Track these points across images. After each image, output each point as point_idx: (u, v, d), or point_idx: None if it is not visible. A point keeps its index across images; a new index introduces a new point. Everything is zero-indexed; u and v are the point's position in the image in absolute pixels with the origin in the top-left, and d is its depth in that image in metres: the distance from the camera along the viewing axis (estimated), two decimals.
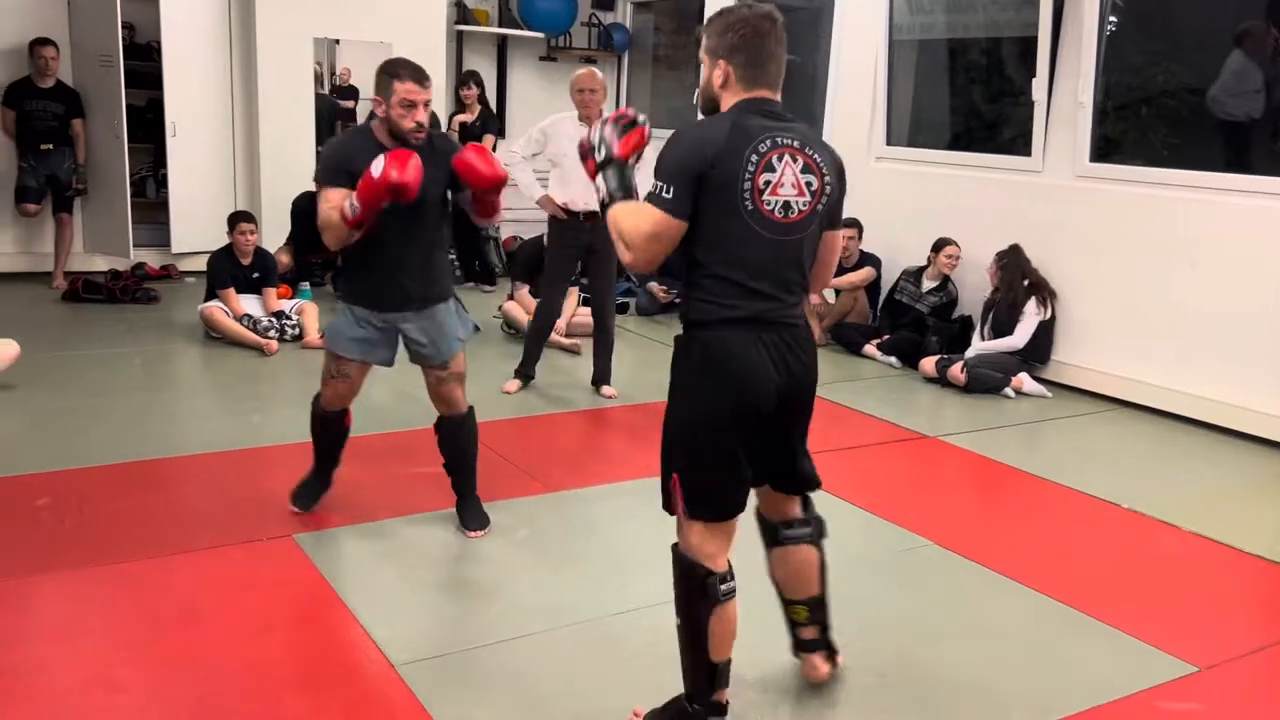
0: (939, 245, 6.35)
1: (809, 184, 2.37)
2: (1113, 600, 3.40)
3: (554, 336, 6.36)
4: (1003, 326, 5.91)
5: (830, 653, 2.83)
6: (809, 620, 2.78)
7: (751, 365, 2.37)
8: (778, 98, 2.41)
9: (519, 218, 8.07)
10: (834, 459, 4.65)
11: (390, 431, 4.66)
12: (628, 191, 2.50)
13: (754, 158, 2.30)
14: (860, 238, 6.71)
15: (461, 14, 8.93)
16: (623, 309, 7.45)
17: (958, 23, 6.89)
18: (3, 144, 7.21)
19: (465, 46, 9.06)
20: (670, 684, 2.84)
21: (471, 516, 3.71)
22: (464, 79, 7.64)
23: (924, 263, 6.47)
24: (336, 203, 3.20)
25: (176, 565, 3.32)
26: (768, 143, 2.32)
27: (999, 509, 4.34)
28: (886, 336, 6.45)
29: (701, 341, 2.39)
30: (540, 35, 9.18)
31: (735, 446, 2.41)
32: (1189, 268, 5.38)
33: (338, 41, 8.06)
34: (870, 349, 6.44)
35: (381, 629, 3.00)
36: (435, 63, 8.12)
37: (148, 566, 3.30)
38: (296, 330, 6.14)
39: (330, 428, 3.70)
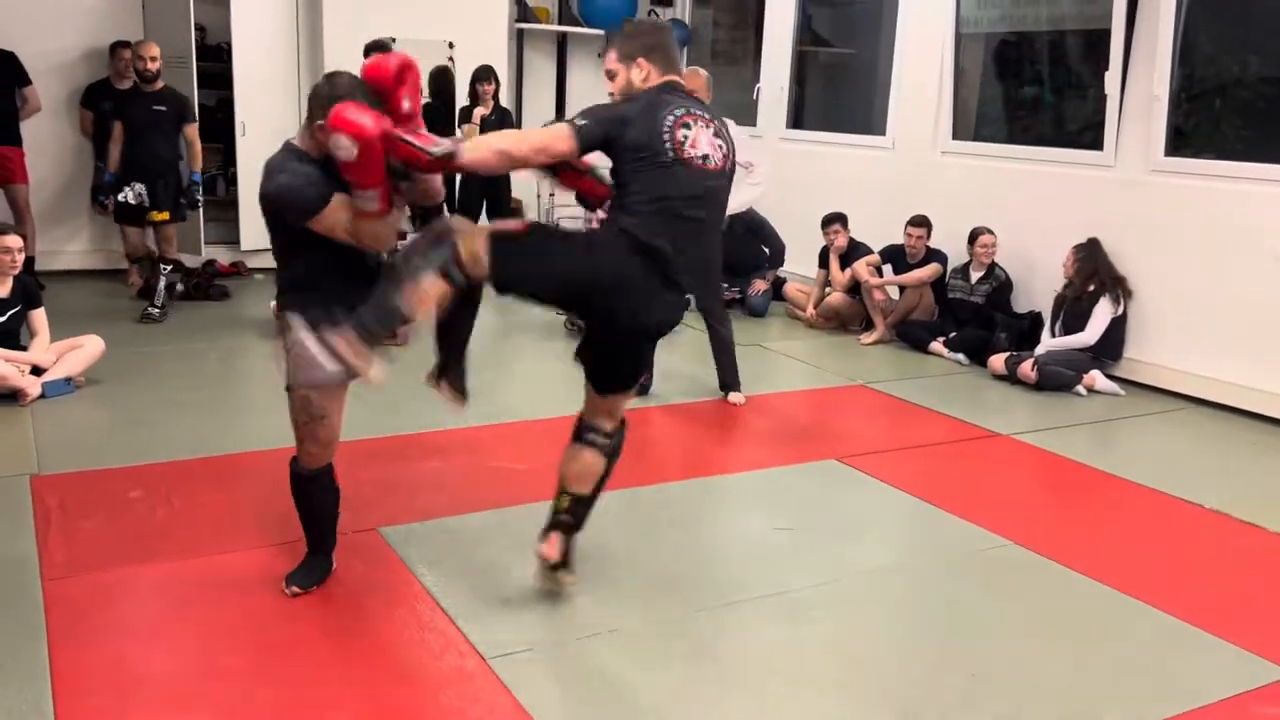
0: (973, 236, 6.37)
1: (720, 145, 2.91)
2: (1201, 602, 3.36)
3: None
4: (1073, 323, 5.84)
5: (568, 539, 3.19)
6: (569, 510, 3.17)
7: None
8: (677, 80, 2.95)
9: (574, 214, 8.12)
10: (905, 457, 4.66)
11: (466, 427, 4.73)
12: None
13: (669, 119, 2.81)
14: (929, 235, 6.65)
15: (522, 12, 8.99)
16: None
17: (1025, 15, 6.81)
18: (81, 144, 7.39)
19: (525, 44, 9.12)
20: (753, 678, 2.86)
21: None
22: (482, 74, 7.69)
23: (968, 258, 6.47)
24: (349, 204, 2.83)
25: (268, 557, 3.40)
26: (681, 110, 2.85)
27: (1077, 509, 4.30)
28: (953, 334, 6.40)
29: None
30: (599, 32, 9.21)
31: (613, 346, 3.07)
32: (1273, 262, 5.27)
33: (393, 40, 8.13)
34: (936, 346, 6.40)
35: (470, 622, 3.05)
36: (497, 60, 8.18)
37: (241, 558, 3.38)
38: None
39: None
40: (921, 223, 6.62)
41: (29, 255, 7.06)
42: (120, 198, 6.59)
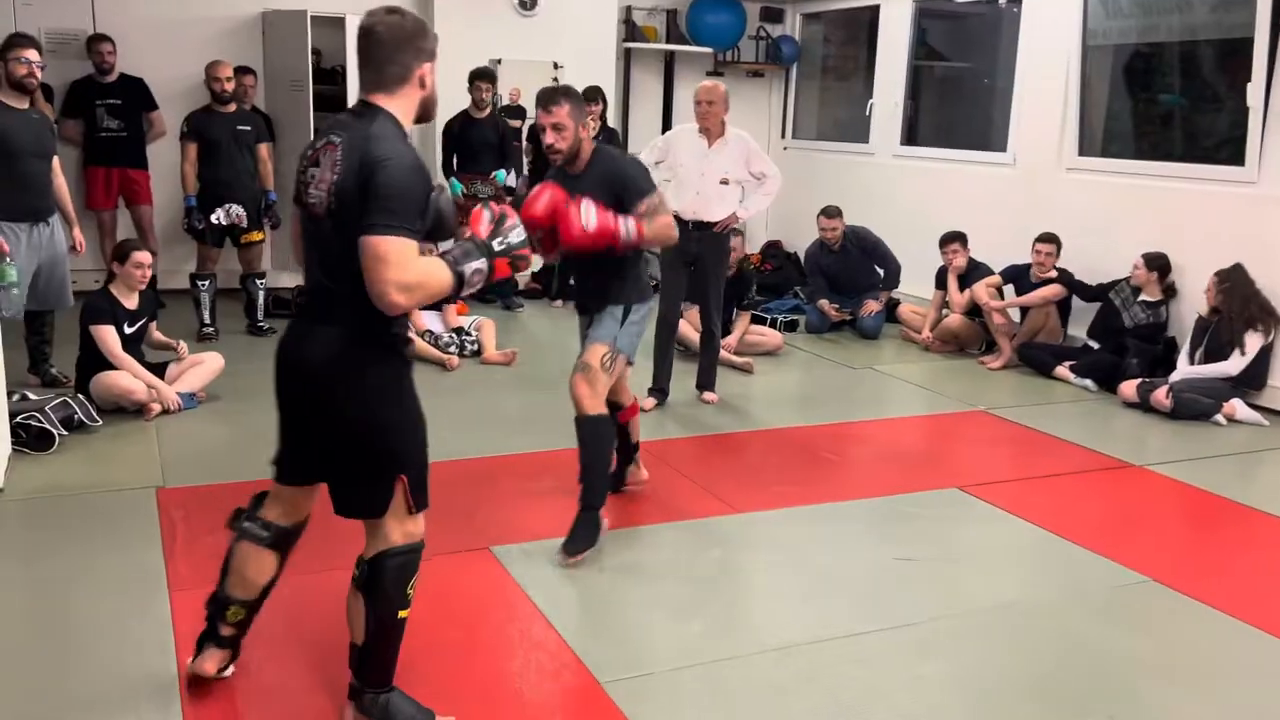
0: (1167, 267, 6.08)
1: (329, 180, 2.37)
2: None
3: (724, 355, 6.37)
4: (1216, 350, 5.60)
5: (234, 656, 2.82)
6: (242, 622, 2.79)
7: (282, 347, 2.56)
8: (375, 99, 2.42)
9: None
10: (1032, 487, 4.54)
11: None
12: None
13: (309, 152, 2.46)
14: (1059, 254, 6.47)
15: (630, 31, 9.10)
16: (791, 326, 7.43)
17: (1158, 25, 6.61)
18: None
19: (633, 64, 9.22)
20: (877, 714, 2.80)
21: (570, 538, 3.64)
22: (589, 95, 7.76)
23: (1124, 277, 6.24)
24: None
25: None
26: (323, 139, 2.43)
27: (1220, 544, 4.12)
28: (1077, 362, 6.19)
29: None
30: (708, 50, 9.27)
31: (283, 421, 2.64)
32: None
33: (499, 61, 8.32)
34: (1063, 371, 6.21)
35: (584, 644, 3.06)
36: (605, 80, 8.31)
37: None
38: (475, 346, 6.36)
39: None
40: (1051, 239, 6.44)
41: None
42: (214, 219, 6.60)
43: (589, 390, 3.64)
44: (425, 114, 2.52)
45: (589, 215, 3.38)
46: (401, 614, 2.55)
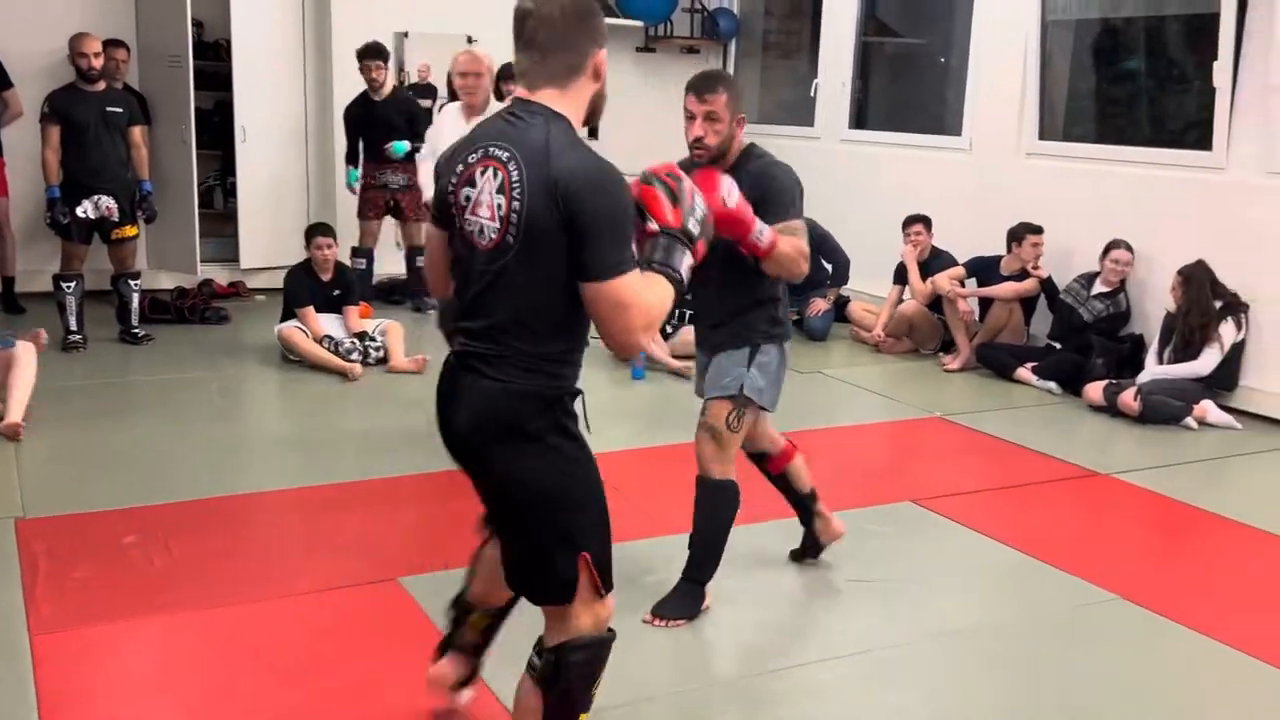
0: (1108, 248, 6.26)
1: (499, 206, 2.16)
2: None
3: (660, 355, 6.38)
4: (1186, 349, 5.76)
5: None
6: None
7: (439, 406, 2.39)
8: (536, 96, 2.20)
9: None
10: (991, 499, 4.64)
11: None
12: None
13: (459, 168, 2.23)
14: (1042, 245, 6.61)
15: None
16: None
17: (1121, 0, 6.82)
18: None
19: None
20: None
21: (665, 600, 3.51)
22: (508, 73, 7.75)
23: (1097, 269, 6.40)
24: None
25: (279, 610, 3.43)
26: (478, 153, 2.20)
27: (1190, 558, 4.25)
28: (1039, 363, 6.34)
29: None
30: (638, 24, 9.31)
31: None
32: None
33: (405, 34, 8.27)
34: (1024, 373, 6.35)
35: (508, 686, 3.04)
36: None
37: (248, 611, 3.42)
38: (381, 353, 6.30)
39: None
40: (1036, 230, 6.54)
41: (9, 275, 7.26)
42: (80, 212, 6.43)
43: (716, 452, 3.45)
44: (594, 113, 2.30)
45: (730, 191, 3.09)
46: (582, 718, 2.38)
